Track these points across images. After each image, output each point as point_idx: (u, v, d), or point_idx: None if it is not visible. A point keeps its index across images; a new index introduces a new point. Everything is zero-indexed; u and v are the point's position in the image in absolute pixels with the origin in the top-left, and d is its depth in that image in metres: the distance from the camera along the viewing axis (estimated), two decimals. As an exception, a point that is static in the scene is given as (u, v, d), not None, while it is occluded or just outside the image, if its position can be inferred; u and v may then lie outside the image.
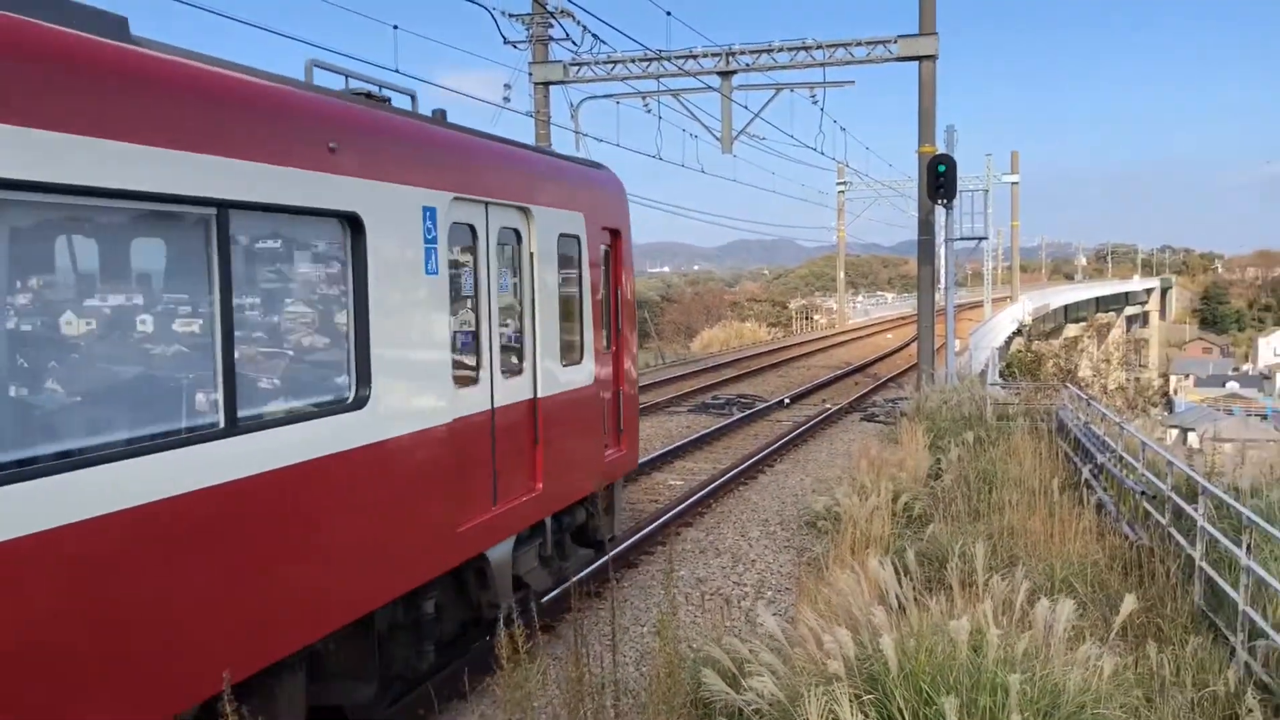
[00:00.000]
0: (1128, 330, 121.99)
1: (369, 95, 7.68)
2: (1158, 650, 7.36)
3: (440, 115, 8.49)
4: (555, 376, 9.37)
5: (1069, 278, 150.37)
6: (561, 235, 9.58)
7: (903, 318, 68.40)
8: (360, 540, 6.45)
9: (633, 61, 26.37)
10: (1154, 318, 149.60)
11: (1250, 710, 6.35)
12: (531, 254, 8.96)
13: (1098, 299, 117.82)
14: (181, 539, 5.06)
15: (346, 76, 7.61)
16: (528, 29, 26.35)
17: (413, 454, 7.05)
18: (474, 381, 8.04)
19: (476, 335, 8.16)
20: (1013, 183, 69.28)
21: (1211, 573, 8.77)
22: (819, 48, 25.39)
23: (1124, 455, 12.75)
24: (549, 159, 10.50)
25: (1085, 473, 13.12)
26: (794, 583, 10.85)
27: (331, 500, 6.20)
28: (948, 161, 23.08)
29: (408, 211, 7.10)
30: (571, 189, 10.08)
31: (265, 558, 5.63)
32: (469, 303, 8.15)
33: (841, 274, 77.08)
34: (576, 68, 27.01)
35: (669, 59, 26.02)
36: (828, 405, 26.29)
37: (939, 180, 22.83)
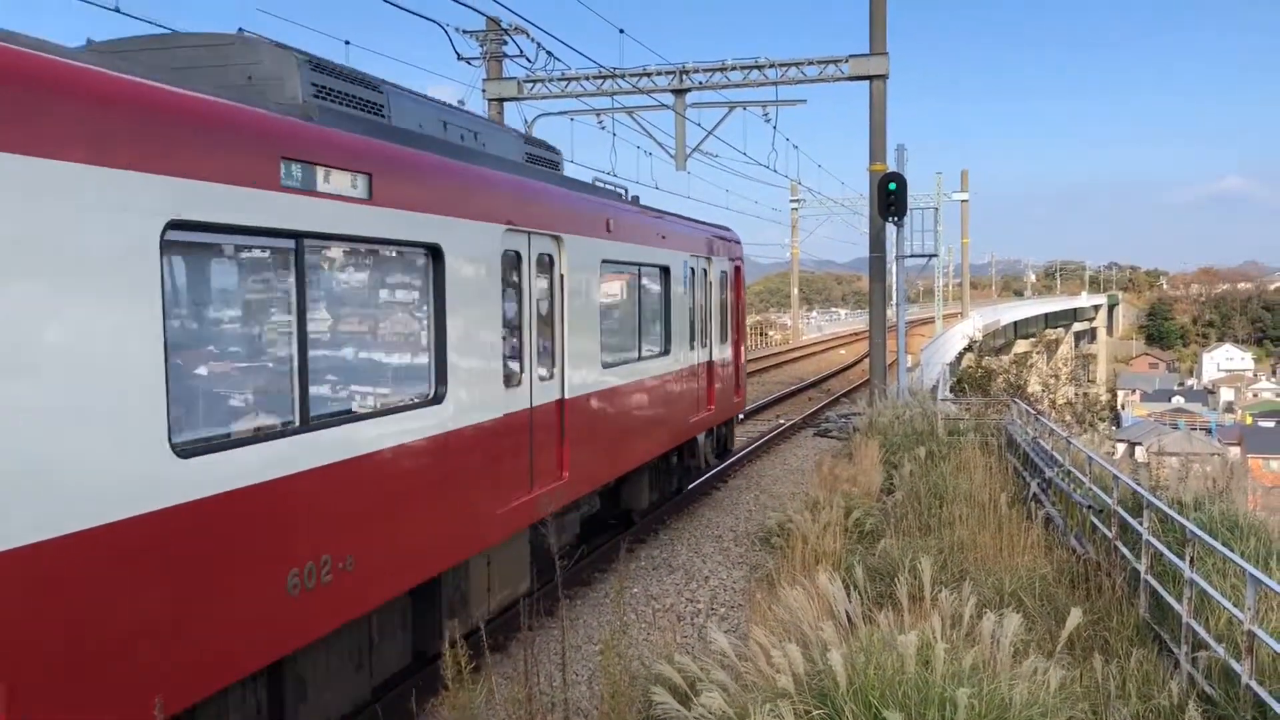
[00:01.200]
0: (1076, 346, 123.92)
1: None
2: (1104, 663, 7.44)
3: (634, 199, 14.37)
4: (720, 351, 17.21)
5: (1019, 294, 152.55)
6: (717, 270, 17.01)
7: (856, 333, 68.97)
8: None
9: (587, 79, 26.42)
10: (1101, 333, 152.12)
11: (1193, 721, 6.43)
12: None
13: (1047, 315, 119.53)
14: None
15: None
16: (482, 46, 26.30)
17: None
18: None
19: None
20: (963, 200, 70.14)
21: (1156, 585, 8.88)
22: (771, 66, 25.59)
23: (1072, 470, 12.91)
24: (695, 224, 16.51)
25: (1034, 487, 13.27)
26: (746, 599, 10.85)
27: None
28: (898, 180, 23.32)
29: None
30: (710, 241, 16.73)
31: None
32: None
33: (795, 290, 77.58)
34: (531, 84, 27.01)
35: (623, 76, 26.10)
36: (781, 421, 26.40)
37: (890, 198, 23.06)
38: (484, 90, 26.99)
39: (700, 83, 26.17)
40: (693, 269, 15.54)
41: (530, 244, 9.65)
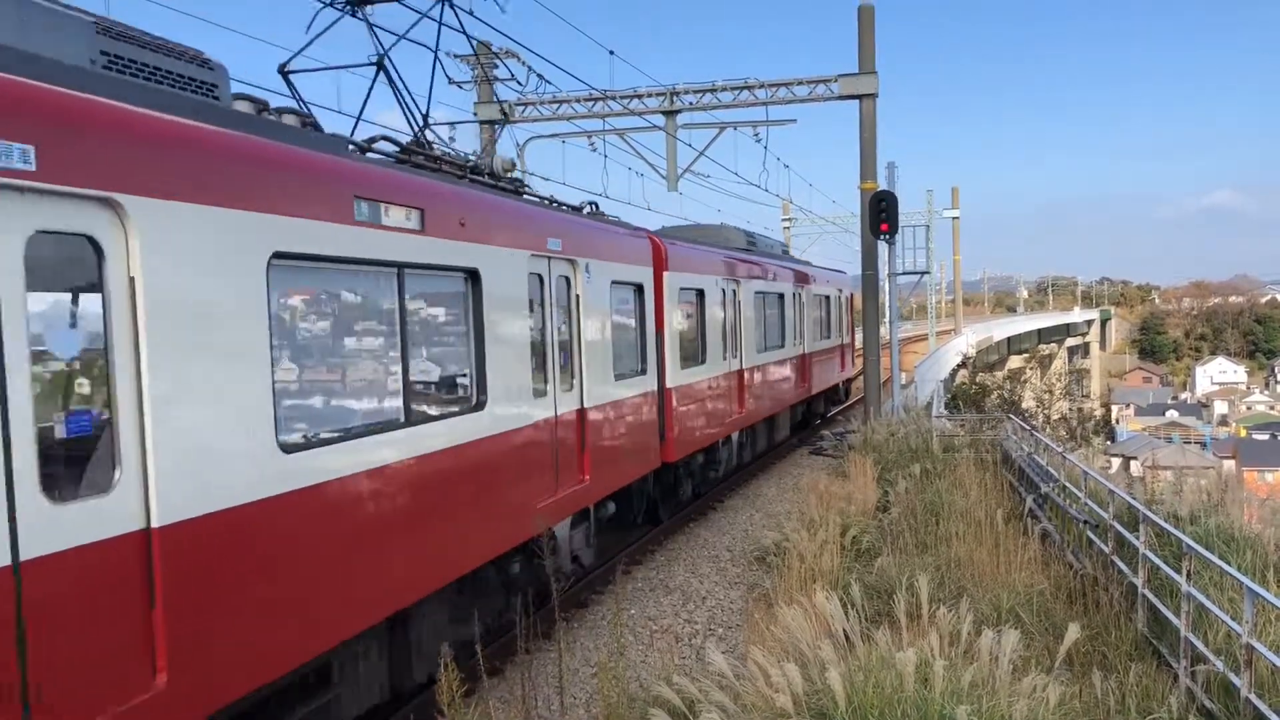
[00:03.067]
0: (1069, 361, 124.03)
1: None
2: (1102, 678, 7.42)
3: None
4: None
5: (1011, 310, 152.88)
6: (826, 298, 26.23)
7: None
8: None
9: (578, 101, 26.53)
10: (1094, 348, 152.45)
11: (1193, 736, 6.42)
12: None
13: (1039, 330, 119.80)
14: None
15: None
16: (473, 69, 26.40)
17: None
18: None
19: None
20: (954, 217, 70.40)
21: (1154, 599, 8.87)
22: (761, 87, 25.72)
23: (1067, 485, 12.91)
24: (810, 268, 25.91)
25: (1030, 502, 13.26)
26: (744, 619, 10.81)
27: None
28: (889, 197, 23.41)
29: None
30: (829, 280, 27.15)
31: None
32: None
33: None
34: (522, 107, 27.11)
35: (614, 98, 26.21)
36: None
37: (881, 216, 23.14)
38: (475, 114, 27.07)
39: (691, 103, 26.28)
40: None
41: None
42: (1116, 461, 44.61)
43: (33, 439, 4.66)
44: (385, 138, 9.05)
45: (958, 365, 51.06)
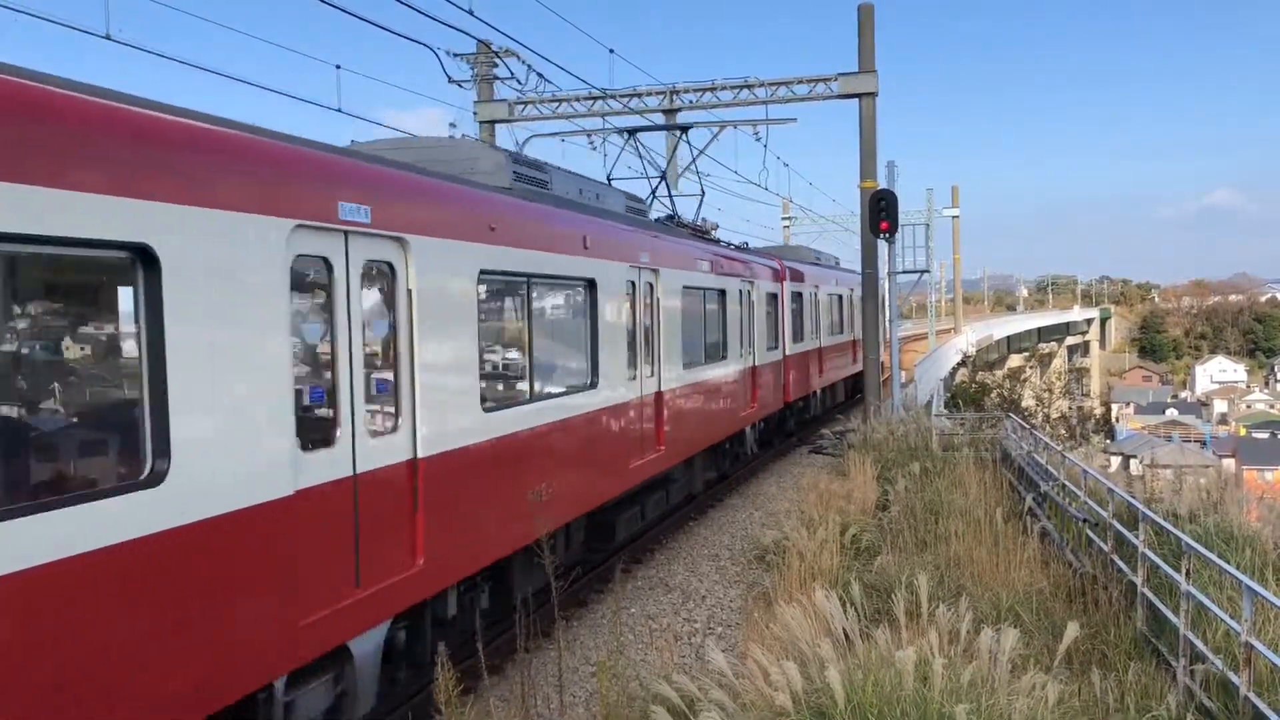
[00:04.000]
0: (1069, 359, 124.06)
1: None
2: (1101, 677, 7.42)
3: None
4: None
5: (1011, 309, 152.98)
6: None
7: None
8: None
9: (578, 100, 26.51)
10: (1094, 347, 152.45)
11: (1192, 734, 6.42)
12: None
13: (1039, 329, 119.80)
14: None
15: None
16: (473, 68, 26.38)
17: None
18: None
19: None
20: (953, 216, 70.34)
21: (1153, 598, 8.88)
22: (761, 85, 25.71)
23: (1066, 483, 12.92)
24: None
25: (1029, 501, 13.27)
26: (744, 617, 10.82)
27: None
28: (889, 196, 23.40)
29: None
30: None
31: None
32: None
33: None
34: (522, 106, 27.09)
35: (614, 97, 26.19)
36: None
37: (881, 214, 23.13)
38: (475, 113, 27.07)
39: (691, 102, 26.26)
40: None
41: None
42: (1116, 460, 44.63)
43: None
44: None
45: (957, 364, 51.08)
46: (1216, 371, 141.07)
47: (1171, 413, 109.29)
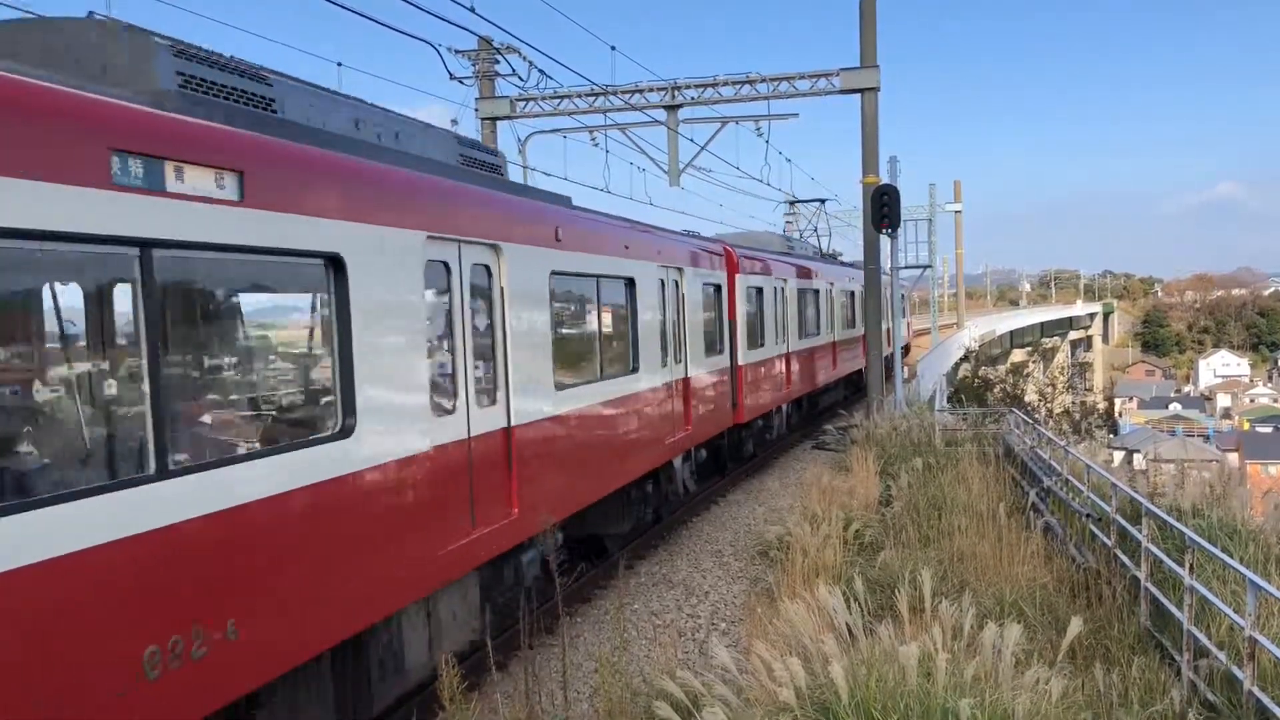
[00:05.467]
0: (1072, 354, 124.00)
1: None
2: (1105, 671, 7.43)
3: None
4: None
5: (1014, 304, 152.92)
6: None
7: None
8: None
9: (579, 96, 26.48)
10: (1097, 341, 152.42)
11: (1196, 728, 6.42)
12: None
13: (1042, 324, 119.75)
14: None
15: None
16: (474, 65, 26.36)
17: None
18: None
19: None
20: (956, 211, 70.27)
21: (1156, 593, 8.88)
22: (763, 81, 25.67)
23: (1070, 478, 12.91)
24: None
25: (1033, 496, 13.27)
26: (747, 613, 10.82)
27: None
28: (891, 192, 23.37)
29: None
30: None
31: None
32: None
33: (791, 304, 77.20)
34: (523, 103, 27.07)
35: (615, 93, 26.16)
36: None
37: (883, 210, 23.11)
38: (477, 109, 27.06)
39: (692, 98, 26.23)
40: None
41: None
42: (1119, 455, 44.58)
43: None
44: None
45: (960, 359, 51.04)
46: (1220, 366, 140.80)
47: (1175, 407, 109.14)
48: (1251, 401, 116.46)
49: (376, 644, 7.30)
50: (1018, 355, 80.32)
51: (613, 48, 24.29)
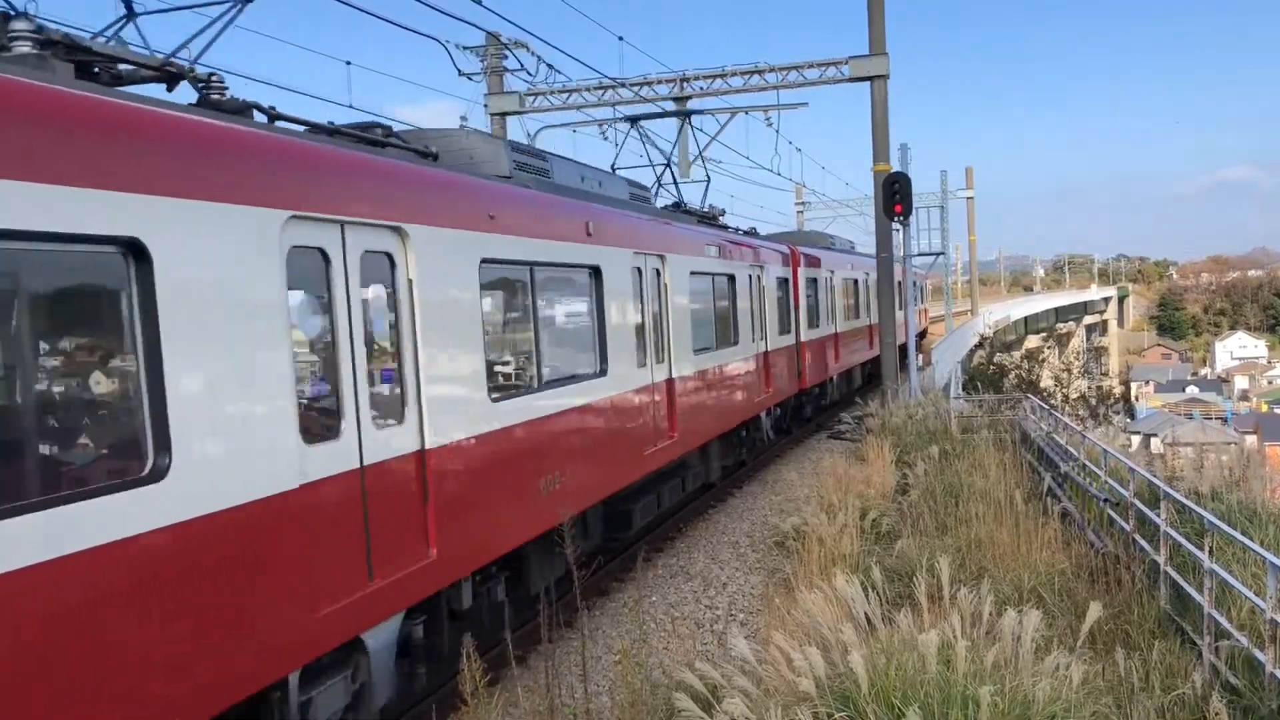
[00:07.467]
0: (1087, 339, 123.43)
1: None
2: (1125, 656, 7.41)
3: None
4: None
5: (1028, 289, 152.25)
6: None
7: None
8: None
9: (588, 89, 26.47)
10: (1112, 326, 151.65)
11: (1218, 712, 6.40)
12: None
13: (1057, 309, 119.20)
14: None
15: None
16: (482, 61, 26.38)
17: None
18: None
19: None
20: (968, 198, 70.04)
21: (1176, 577, 8.85)
22: (771, 71, 25.61)
23: (1087, 463, 12.87)
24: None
25: (1049, 482, 13.23)
26: (765, 604, 10.83)
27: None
28: (902, 179, 23.29)
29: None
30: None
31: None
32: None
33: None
34: (532, 98, 27.07)
35: (624, 86, 26.14)
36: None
37: (894, 198, 23.04)
38: (486, 105, 27.07)
39: (701, 89, 26.19)
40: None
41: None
42: (1136, 439, 44.39)
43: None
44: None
45: (975, 346, 50.88)
46: (1236, 348, 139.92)
47: (1192, 390, 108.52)
48: (1269, 383, 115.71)
49: None
50: (1032, 341, 79.96)
51: (620, 38, 24.27)
